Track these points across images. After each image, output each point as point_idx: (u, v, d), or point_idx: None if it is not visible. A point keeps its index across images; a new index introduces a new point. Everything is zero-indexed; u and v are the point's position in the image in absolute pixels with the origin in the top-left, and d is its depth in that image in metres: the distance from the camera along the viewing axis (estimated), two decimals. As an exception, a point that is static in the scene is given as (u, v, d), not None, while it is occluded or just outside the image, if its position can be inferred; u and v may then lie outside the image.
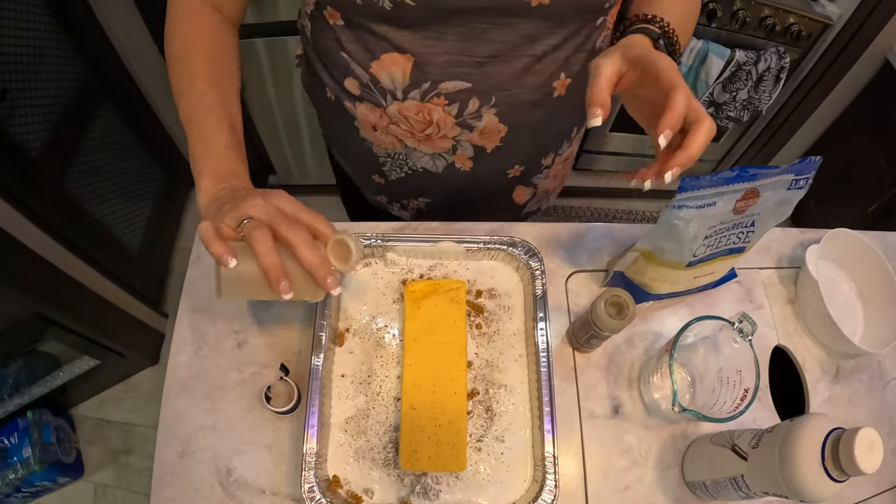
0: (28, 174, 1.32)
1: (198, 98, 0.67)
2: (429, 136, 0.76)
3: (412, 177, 0.85)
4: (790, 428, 0.59)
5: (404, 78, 0.69)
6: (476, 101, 0.71)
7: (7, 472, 1.59)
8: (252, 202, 0.57)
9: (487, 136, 0.76)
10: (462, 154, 0.79)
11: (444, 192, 0.88)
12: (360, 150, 0.84)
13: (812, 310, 0.86)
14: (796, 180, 0.69)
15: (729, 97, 1.68)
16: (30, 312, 1.36)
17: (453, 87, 0.69)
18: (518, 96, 0.72)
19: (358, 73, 0.71)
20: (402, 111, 0.73)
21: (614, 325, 0.70)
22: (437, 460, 0.71)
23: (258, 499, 0.73)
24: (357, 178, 0.96)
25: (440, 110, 0.72)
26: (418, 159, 0.82)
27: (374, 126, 0.78)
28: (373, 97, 0.73)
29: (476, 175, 0.83)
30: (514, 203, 0.94)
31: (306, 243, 0.57)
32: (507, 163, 0.83)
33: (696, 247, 0.70)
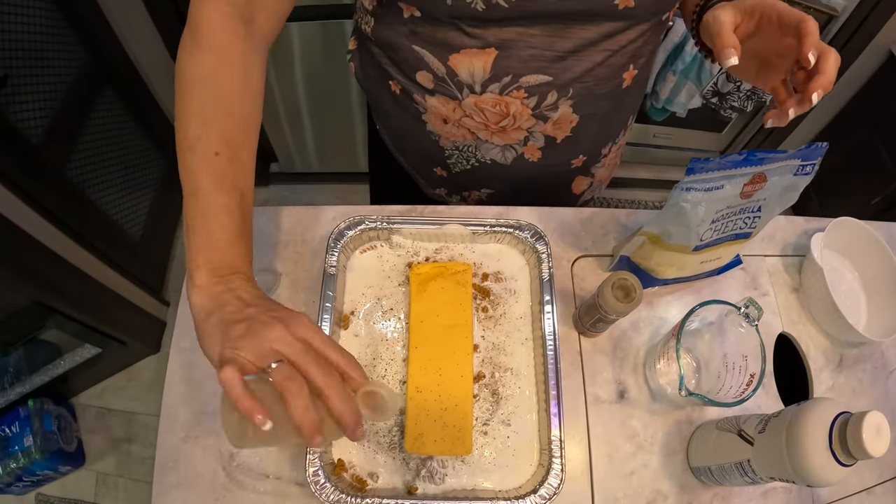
0: (29, 161, 1.32)
1: (207, 160, 0.57)
2: (503, 128, 0.76)
3: (478, 169, 0.85)
4: (797, 412, 0.59)
5: (485, 72, 0.68)
6: (554, 94, 0.71)
7: (8, 461, 1.59)
8: (274, 333, 0.50)
9: (560, 126, 0.76)
10: (533, 145, 0.79)
11: (508, 183, 0.88)
12: (425, 144, 0.83)
13: (816, 298, 0.85)
14: (803, 166, 0.68)
15: (733, 87, 1.67)
16: (30, 300, 1.36)
17: (534, 80, 0.69)
18: (592, 88, 0.72)
19: (434, 66, 0.70)
20: (479, 104, 0.72)
21: (621, 309, 0.69)
22: (443, 444, 0.71)
23: (262, 483, 0.72)
24: (416, 170, 0.95)
25: (518, 103, 0.72)
26: (488, 151, 0.81)
27: (445, 119, 0.77)
28: (448, 90, 0.72)
29: (542, 166, 0.83)
30: (572, 194, 0.94)
31: (339, 394, 0.51)
32: (573, 153, 0.83)
33: (704, 231, 0.70)
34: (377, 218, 0.83)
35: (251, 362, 0.49)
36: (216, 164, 0.57)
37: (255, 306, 0.53)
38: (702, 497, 0.75)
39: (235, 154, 0.58)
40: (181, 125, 0.58)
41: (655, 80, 1.72)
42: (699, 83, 1.66)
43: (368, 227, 0.82)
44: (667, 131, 2.05)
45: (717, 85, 1.68)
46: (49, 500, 1.76)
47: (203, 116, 0.57)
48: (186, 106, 0.58)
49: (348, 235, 0.81)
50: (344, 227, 0.81)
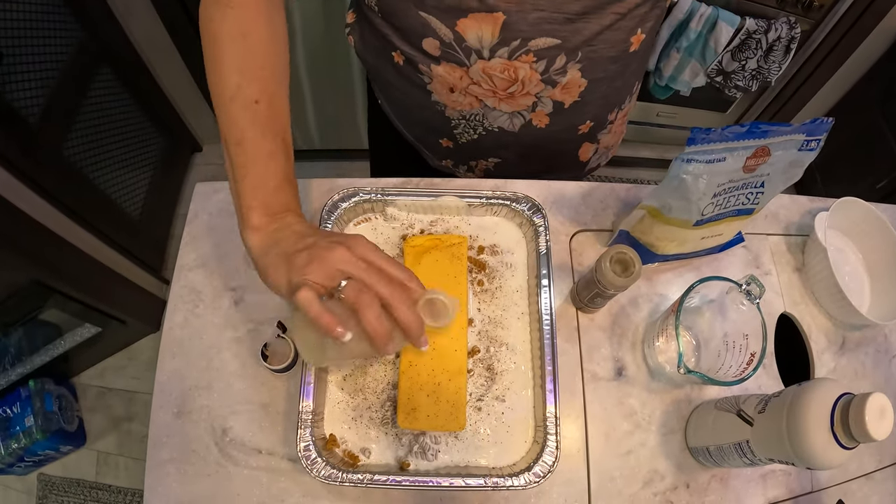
0: (26, 141, 1.31)
1: (249, 108, 0.61)
2: (512, 94, 0.75)
3: (485, 137, 0.84)
4: (798, 392, 0.58)
5: (493, 36, 0.67)
6: (563, 58, 0.70)
7: (10, 441, 1.60)
8: (337, 255, 0.55)
9: (568, 91, 0.75)
10: (541, 111, 0.78)
11: (515, 151, 0.87)
12: (430, 115, 0.82)
13: (819, 278, 0.84)
14: (807, 141, 0.67)
15: (738, 66, 1.65)
16: (30, 280, 1.36)
17: (543, 43, 0.68)
18: (601, 51, 0.71)
19: (441, 33, 0.68)
20: (487, 70, 0.71)
21: (619, 283, 0.68)
22: (436, 419, 0.70)
23: (254, 458, 0.72)
24: (421, 143, 0.94)
25: (527, 67, 0.71)
26: (496, 119, 0.80)
27: (451, 87, 0.76)
28: (455, 57, 0.71)
29: (550, 132, 0.82)
30: (578, 161, 0.93)
31: (405, 304, 0.55)
32: (581, 118, 0.82)
33: (705, 205, 0.68)
34: (371, 190, 0.81)
35: (321, 284, 0.54)
36: (258, 113, 0.61)
37: (313, 235, 0.58)
38: (699, 478, 0.74)
39: (273, 102, 0.62)
40: (220, 78, 0.61)
41: (659, 58, 1.70)
42: (703, 61, 1.64)
43: (363, 199, 0.81)
44: (670, 110, 2.03)
45: (721, 63, 1.65)
46: (51, 480, 1.77)
47: (240, 69, 0.61)
48: (222, 60, 0.61)
49: (342, 208, 0.80)
50: (338, 199, 0.80)
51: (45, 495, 1.76)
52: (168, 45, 1.70)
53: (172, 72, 1.83)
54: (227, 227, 0.84)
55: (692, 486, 0.74)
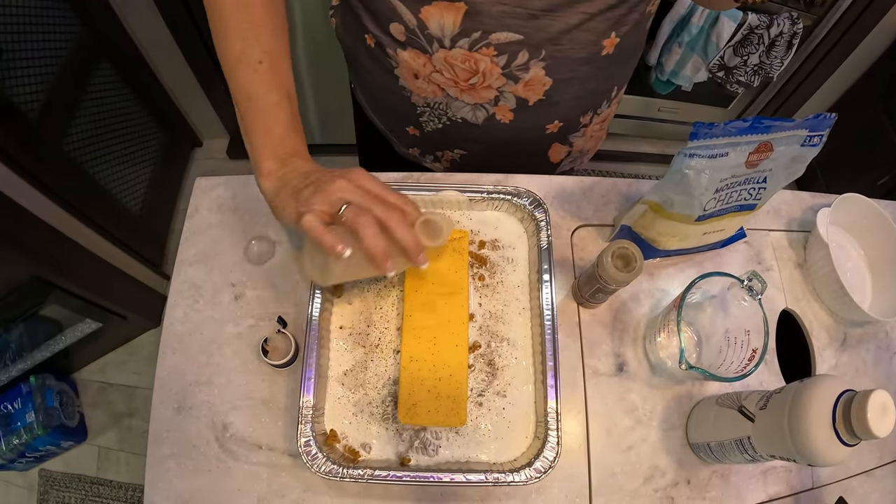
0: (26, 136, 1.30)
1: (254, 69, 0.66)
2: (472, 85, 0.75)
3: (450, 128, 0.84)
4: (800, 389, 0.58)
5: (455, 26, 0.67)
6: (525, 54, 0.70)
7: (11, 437, 1.60)
8: (339, 185, 0.59)
9: (532, 88, 0.75)
10: (504, 105, 0.78)
11: (481, 144, 0.87)
12: (397, 100, 0.83)
13: (821, 274, 0.84)
14: (810, 136, 0.67)
15: (740, 61, 1.64)
16: (30, 276, 1.35)
17: (504, 38, 0.68)
18: (567, 51, 0.71)
19: (406, 18, 0.69)
20: (448, 59, 0.71)
21: (621, 278, 0.68)
22: (437, 415, 0.70)
23: (254, 454, 0.72)
24: (389, 130, 0.94)
25: (488, 60, 0.71)
26: (458, 109, 0.80)
27: (416, 74, 0.76)
28: (419, 43, 0.71)
29: (515, 128, 0.82)
30: (549, 161, 0.93)
31: (401, 224, 0.60)
32: (548, 118, 0.82)
33: (707, 200, 0.68)
34: (373, 185, 0.81)
35: (324, 211, 0.58)
36: (262, 71, 0.65)
37: (317, 172, 0.63)
38: (700, 474, 0.74)
39: (276, 61, 0.67)
40: (225, 45, 0.66)
41: (661, 52, 1.70)
42: (705, 56, 1.64)
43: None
44: (671, 105, 2.02)
45: (723, 58, 1.65)
46: (52, 476, 1.77)
47: (242, 35, 0.65)
48: (226, 29, 0.66)
49: (342, 203, 0.80)
50: (339, 194, 0.80)
51: (47, 491, 1.76)
52: (168, 39, 1.69)
53: (172, 66, 1.82)
54: (228, 221, 0.84)
55: (693, 482, 0.73)
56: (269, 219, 0.84)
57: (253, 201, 0.86)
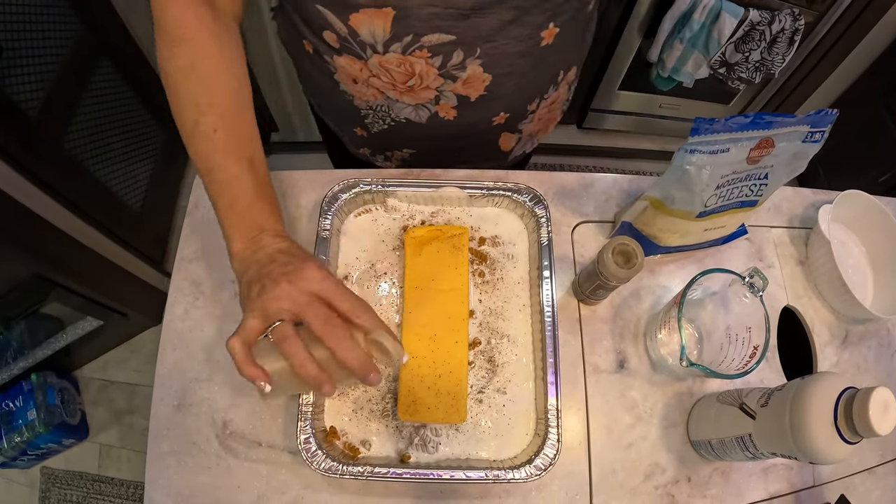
0: (27, 134, 1.30)
1: (209, 138, 0.62)
2: (411, 87, 0.74)
3: (395, 128, 0.83)
4: (801, 386, 0.58)
5: (385, 31, 0.66)
6: (460, 54, 0.68)
7: (13, 435, 1.60)
8: (279, 291, 0.55)
9: (471, 85, 0.74)
10: (446, 103, 0.77)
11: (429, 141, 0.86)
12: (341, 104, 0.82)
13: (823, 271, 0.84)
14: (812, 133, 0.67)
15: (741, 57, 1.64)
16: (31, 274, 1.35)
17: (436, 39, 0.66)
18: (503, 47, 0.69)
19: (336, 27, 0.67)
20: (383, 63, 0.70)
21: (622, 275, 0.68)
22: (437, 412, 0.70)
23: (254, 451, 0.72)
24: (339, 131, 0.94)
25: (423, 62, 0.69)
26: (401, 110, 0.79)
27: (354, 79, 0.75)
28: (352, 50, 0.70)
29: (460, 124, 0.81)
30: (500, 150, 0.92)
31: (343, 344, 0.55)
32: (492, 111, 0.81)
33: (708, 196, 0.68)
34: (372, 181, 0.81)
35: (254, 328, 0.55)
36: (219, 140, 0.62)
37: (274, 262, 0.58)
38: (701, 471, 0.74)
39: (233, 125, 0.63)
40: (179, 116, 0.62)
41: (662, 49, 1.69)
42: (707, 52, 1.63)
43: (363, 189, 0.80)
44: (673, 102, 2.02)
45: (724, 55, 1.64)
46: (54, 474, 1.78)
47: (195, 102, 0.62)
48: (178, 98, 0.62)
49: (343, 199, 0.80)
50: (338, 189, 0.80)
51: (49, 488, 1.76)
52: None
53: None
54: (228, 218, 0.84)
55: (693, 480, 0.73)
56: (269, 215, 0.84)
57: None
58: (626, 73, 1.89)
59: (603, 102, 2.04)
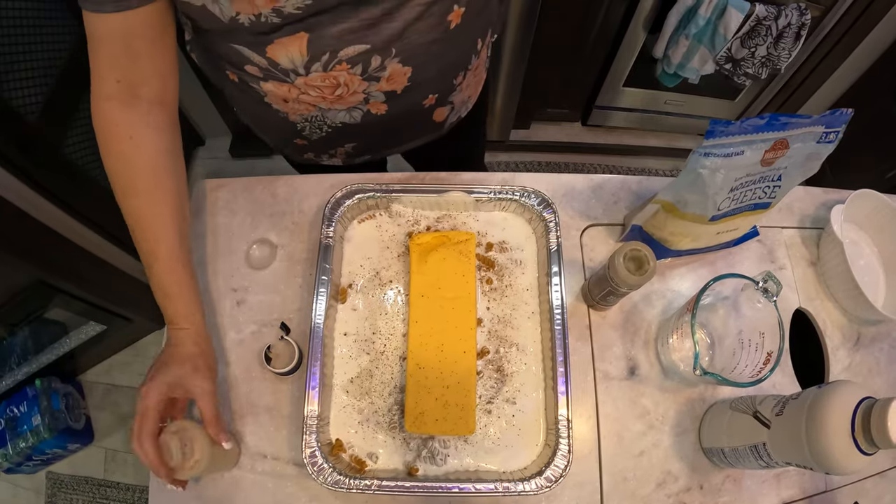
0: (26, 139, 1.29)
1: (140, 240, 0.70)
2: (340, 96, 0.74)
3: (333, 132, 0.84)
4: (818, 395, 0.56)
5: (302, 55, 0.67)
6: (378, 58, 0.69)
7: (18, 440, 1.60)
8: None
9: (395, 80, 0.74)
10: (375, 102, 0.77)
11: (367, 134, 0.87)
12: (276, 121, 0.82)
13: (835, 273, 0.82)
14: (826, 133, 0.65)
15: (747, 53, 1.62)
16: (33, 280, 1.34)
17: (352, 51, 0.67)
18: (415, 40, 0.70)
19: (255, 60, 0.68)
20: (309, 83, 0.71)
21: (633, 281, 0.66)
22: (445, 423, 0.68)
23: (259, 463, 0.71)
24: (279, 145, 0.95)
25: (345, 73, 0.70)
26: (335, 116, 0.80)
27: (284, 98, 0.76)
28: (276, 76, 0.71)
29: (393, 114, 0.81)
30: (434, 123, 0.92)
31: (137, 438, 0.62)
32: (420, 97, 0.81)
33: (721, 200, 0.67)
34: (375, 186, 0.80)
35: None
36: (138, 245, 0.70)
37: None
38: (713, 479, 0.73)
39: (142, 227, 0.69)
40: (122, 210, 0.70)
41: (668, 45, 1.67)
42: (712, 48, 1.61)
43: (367, 195, 0.79)
44: (678, 98, 2.00)
45: (730, 50, 1.62)
46: (59, 479, 1.77)
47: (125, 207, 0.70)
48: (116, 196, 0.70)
49: (346, 205, 0.79)
50: (341, 195, 0.79)
51: (54, 493, 1.76)
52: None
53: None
54: (229, 225, 0.83)
55: (706, 487, 0.72)
56: (271, 222, 0.84)
57: (254, 204, 0.84)
58: (630, 69, 1.87)
59: (607, 99, 2.02)
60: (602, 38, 1.77)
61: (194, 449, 0.62)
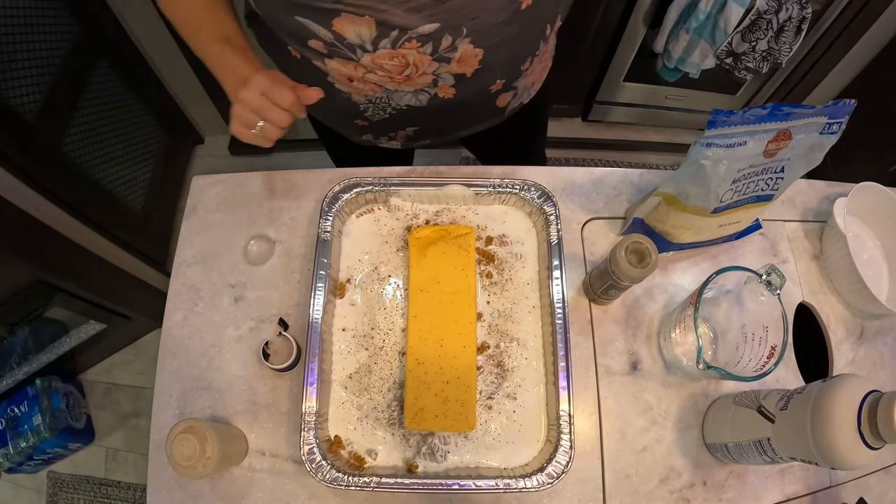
0: (24, 138, 1.29)
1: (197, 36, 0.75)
2: (408, 76, 0.73)
3: (396, 115, 0.83)
4: (823, 389, 0.55)
5: (371, 31, 0.66)
6: (448, 38, 0.68)
7: (19, 440, 1.59)
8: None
9: (465, 62, 0.73)
10: (444, 84, 0.76)
11: (430, 118, 0.86)
12: (338, 101, 0.81)
13: (838, 266, 0.82)
14: (829, 124, 0.65)
15: (748, 47, 1.61)
16: (32, 279, 1.34)
17: (422, 30, 0.66)
18: (487, 20, 0.69)
19: (321, 34, 0.67)
20: (376, 60, 0.70)
21: (635, 275, 0.66)
22: (445, 419, 0.68)
23: (258, 461, 0.70)
24: (337, 126, 0.94)
25: (414, 52, 0.69)
26: (400, 99, 0.79)
27: (349, 77, 0.75)
28: (342, 53, 0.70)
29: (459, 99, 0.80)
30: (496, 107, 0.91)
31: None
32: (488, 81, 0.80)
33: (723, 192, 0.66)
34: (374, 180, 0.79)
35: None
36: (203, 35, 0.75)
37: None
38: (717, 475, 0.72)
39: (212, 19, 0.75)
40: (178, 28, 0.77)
41: (668, 39, 1.66)
42: (713, 42, 1.60)
43: (365, 189, 0.79)
44: (679, 93, 1.99)
45: (731, 45, 1.61)
46: (60, 478, 1.77)
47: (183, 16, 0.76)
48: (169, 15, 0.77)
49: (343, 199, 0.78)
50: (338, 189, 0.78)
51: (56, 493, 1.76)
52: (166, 36, 1.67)
53: (172, 64, 1.80)
54: (226, 221, 0.82)
55: (709, 484, 0.71)
56: (269, 217, 0.83)
57: (252, 199, 0.84)
58: (631, 64, 1.86)
59: (608, 94, 2.01)
60: (602, 33, 1.76)
61: (205, 447, 0.61)
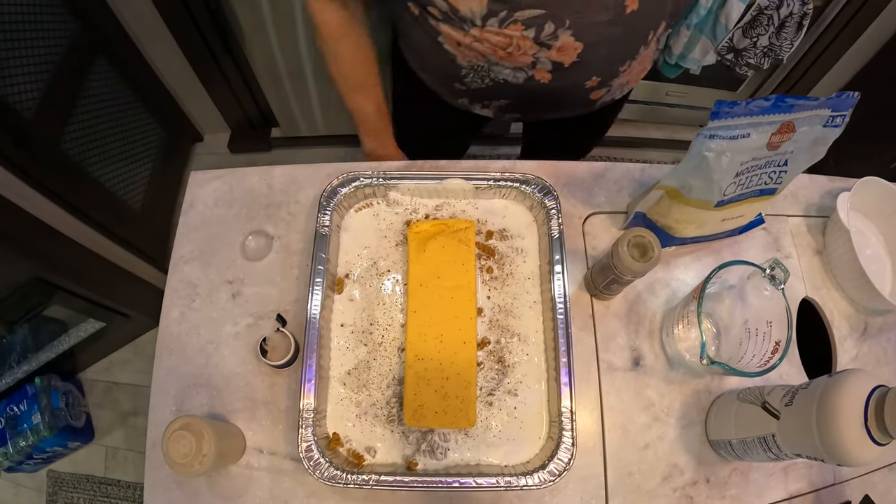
0: (22, 136, 1.28)
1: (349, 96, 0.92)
2: (510, 53, 0.77)
3: (493, 86, 0.86)
4: (829, 384, 0.55)
5: (482, 7, 0.70)
6: (551, 25, 0.71)
7: (18, 439, 1.59)
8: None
9: (564, 52, 0.76)
10: (541, 69, 0.79)
11: (523, 97, 0.89)
12: (443, 62, 0.85)
13: (842, 261, 0.81)
14: (833, 117, 0.64)
15: (749, 43, 1.60)
16: (31, 277, 1.34)
17: (528, 14, 0.70)
18: (590, 17, 0.72)
19: (437, 3, 0.72)
20: (483, 35, 0.75)
21: (637, 269, 0.65)
22: (445, 416, 0.67)
23: (255, 458, 0.70)
24: (435, 85, 0.98)
25: (518, 34, 0.73)
26: (500, 72, 0.82)
27: (458, 42, 0.79)
28: (454, 22, 0.75)
29: (554, 86, 0.83)
30: (589, 100, 0.93)
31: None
32: (585, 76, 0.83)
33: (727, 185, 0.65)
34: (372, 173, 0.79)
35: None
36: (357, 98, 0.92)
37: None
38: (720, 472, 0.71)
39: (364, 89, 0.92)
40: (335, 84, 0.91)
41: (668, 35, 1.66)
42: (714, 38, 1.59)
43: (363, 183, 0.78)
44: (680, 89, 1.99)
45: (732, 41, 1.61)
46: (60, 477, 1.77)
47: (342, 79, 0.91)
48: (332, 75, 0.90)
49: (342, 193, 0.77)
50: (337, 184, 0.77)
51: (56, 492, 1.76)
52: (164, 34, 1.66)
53: (170, 61, 1.79)
54: (224, 217, 0.82)
55: (712, 481, 0.71)
56: (267, 213, 0.83)
57: (249, 194, 0.83)
58: (631, 61, 1.86)
59: (609, 91, 2.01)
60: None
61: (202, 444, 0.61)
